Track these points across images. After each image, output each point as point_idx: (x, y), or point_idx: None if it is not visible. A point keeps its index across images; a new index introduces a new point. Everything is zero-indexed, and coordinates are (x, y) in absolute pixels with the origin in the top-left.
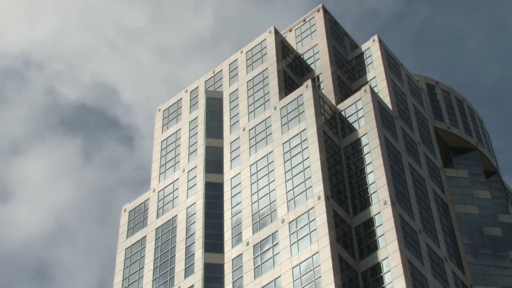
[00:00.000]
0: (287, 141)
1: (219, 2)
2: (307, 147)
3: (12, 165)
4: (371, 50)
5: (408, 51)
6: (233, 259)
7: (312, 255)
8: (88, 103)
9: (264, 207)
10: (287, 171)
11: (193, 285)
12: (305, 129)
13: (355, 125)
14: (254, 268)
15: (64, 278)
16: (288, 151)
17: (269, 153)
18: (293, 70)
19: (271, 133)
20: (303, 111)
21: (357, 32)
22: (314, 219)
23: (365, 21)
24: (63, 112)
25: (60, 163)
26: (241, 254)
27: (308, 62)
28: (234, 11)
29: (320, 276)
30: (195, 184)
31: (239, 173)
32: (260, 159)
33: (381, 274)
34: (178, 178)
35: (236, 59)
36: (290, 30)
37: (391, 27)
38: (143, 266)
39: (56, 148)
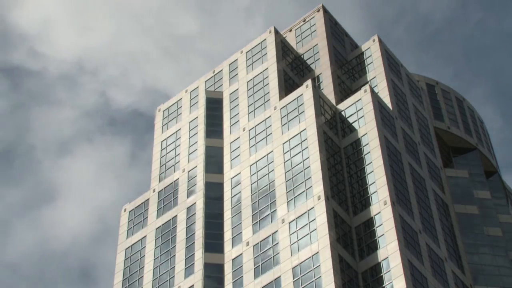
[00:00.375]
0: (287, 141)
1: (271, 10)
2: (307, 147)
3: (60, 166)
4: (371, 50)
5: (459, 55)
6: (233, 259)
7: (312, 255)
8: (140, 108)
9: (264, 207)
10: (287, 171)
11: (193, 285)
12: (305, 129)
13: (355, 125)
14: (254, 268)
15: (108, 279)
16: (288, 151)
17: (269, 153)
18: (293, 70)
19: (271, 133)
20: (303, 111)
21: (410, 37)
22: (314, 219)
23: (418, 25)
24: (113, 115)
25: (107, 164)
26: (241, 254)
27: (308, 62)
28: (285, 18)
29: (320, 276)
30: (195, 184)
31: (239, 173)
32: (260, 159)
33: (381, 274)
34: (178, 178)
35: (236, 59)
36: (290, 30)
37: (445, 31)
38: (143, 266)
39: (104, 150)
